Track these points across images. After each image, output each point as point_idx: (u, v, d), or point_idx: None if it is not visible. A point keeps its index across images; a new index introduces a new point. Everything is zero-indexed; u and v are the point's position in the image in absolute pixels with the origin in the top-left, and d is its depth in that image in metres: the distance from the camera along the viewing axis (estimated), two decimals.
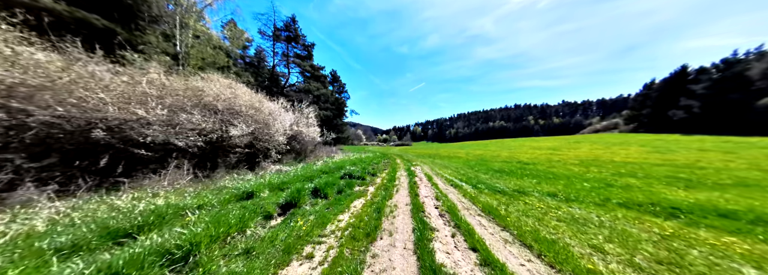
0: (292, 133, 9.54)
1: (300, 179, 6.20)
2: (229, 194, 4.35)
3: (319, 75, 26.70)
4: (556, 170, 12.75)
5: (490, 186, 7.17)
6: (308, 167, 8.35)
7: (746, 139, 30.89)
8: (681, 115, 43.62)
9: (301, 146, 10.06)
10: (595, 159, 18.92)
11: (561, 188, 7.11)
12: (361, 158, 16.53)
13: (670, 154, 21.36)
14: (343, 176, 7.77)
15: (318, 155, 12.07)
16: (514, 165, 14.90)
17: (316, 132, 12.19)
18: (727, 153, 20.40)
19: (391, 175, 9.14)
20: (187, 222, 3.02)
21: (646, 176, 10.02)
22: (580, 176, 9.89)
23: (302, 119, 10.52)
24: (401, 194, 6.08)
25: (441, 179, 8.95)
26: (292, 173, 6.70)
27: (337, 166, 9.54)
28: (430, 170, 11.76)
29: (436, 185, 7.36)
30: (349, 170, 8.59)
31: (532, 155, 23.66)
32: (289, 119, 9.68)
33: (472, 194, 6.11)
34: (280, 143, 7.78)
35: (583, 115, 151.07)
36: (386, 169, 11.27)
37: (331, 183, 5.81)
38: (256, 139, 6.90)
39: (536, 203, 5.09)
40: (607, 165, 14.80)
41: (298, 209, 4.03)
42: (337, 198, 4.96)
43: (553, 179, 9.23)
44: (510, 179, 9.01)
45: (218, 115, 5.96)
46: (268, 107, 8.22)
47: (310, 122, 11.25)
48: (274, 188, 5.06)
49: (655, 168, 12.78)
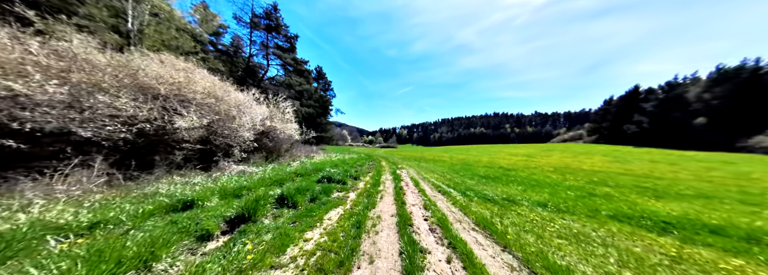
0: (263, 129, 8.37)
1: (266, 183, 5.22)
2: (158, 203, 3.26)
3: (302, 69, 25.13)
4: (536, 177, 13.05)
5: (480, 194, 6.79)
6: (280, 169, 7.30)
7: (684, 152, 35.51)
8: (634, 129, 49.11)
9: (274, 144, 8.91)
10: (566, 167, 20.09)
11: (547, 197, 6.98)
12: (344, 159, 15.57)
13: (627, 164, 23.52)
14: (320, 179, 6.88)
15: (295, 155, 10.90)
16: (498, 171, 15.08)
17: (294, 129, 11.05)
18: (672, 165, 22.99)
19: (376, 179, 8.43)
20: (46, 254, 1.91)
21: (616, 185, 10.53)
22: (561, 184, 10.08)
23: (277, 113, 9.36)
24: (386, 202, 5.40)
25: (428, 184, 8.45)
26: (257, 176, 5.67)
27: (316, 168, 8.59)
28: (416, 174, 11.26)
29: (424, 192, 6.81)
30: (328, 173, 7.72)
31: (510, 161, 24.64)
32: (262, 113, 8.51)
33: (462, 202, 5.64)
34: (245, 140, 6.61)
35: (552, 125, 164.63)
36: (371, 172, 10.53)
37: (303, 189, 4.94)
38: (213, 133, 5.73)
39: (530, 215, 4.73)
40: (579, 173, 15.64)
41: (253, 224, 3.10)
42: (308, 208, 4.11)
43: (536, 186, 9.23)
44: (496, 186, 8.81)
45: (159, 101, 4.72)
46: (235, 97, 7.04)
47: (286, 118, 10.09)
48: (228, 195, 4.06)
49: (620, 177, 13.70)
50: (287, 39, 23.85)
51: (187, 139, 4.95)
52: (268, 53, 22.32)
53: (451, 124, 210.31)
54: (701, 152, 34.50)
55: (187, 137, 4.97)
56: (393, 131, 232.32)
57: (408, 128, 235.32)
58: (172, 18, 14.73)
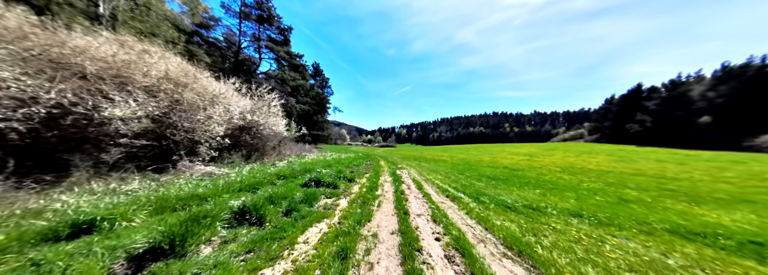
0: (243, 123, 7.23)
1: (234, 188, 4.12)
2: (23, 231, 2.11)
3: (297, 64, 23.85)
4: (547, 177, 12.04)
5: (495, 199, 5.73)
6: (260, 170, 6.20)
7: (689, 152, 34.80)
8: (636, 128, 48.42)
9: (257, 141, 7.78)
10: (571, 166, 19.17)
11: (575, 203, 5.95)
12: (340, 158, 14.46)
13: (633, 163, 22.67)
14: (307, 182, 5.78)
15: (283, 154, 9.77)
16: (504, 171, 14.07)
17: (282, 125, 9.91)
18: (681, 164, 22.15)
19: (373, 181, 7.34)
20: None
21: (639, 188, 9.55)
22: (579, 187, 9.07)
23: (261, 106, 8.20)
24: (385, 211, 4.33)
25: (432, 186, 7.38)
26: (225, 180, 4.56)
27: (305, 168, 7.48)
28: (417, 174, 10.19)
29: (429, 197, 5.74)
30: (318, 175, 6.62)
31: (513, 161, 23.75)
32: (242, 106, 7.38)
33: (478, 211, 4.57)
34: (214, 136, 5.46)
35: (551, 125, 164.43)
36: (368, 173, 9.44)
37: (279, 196, 3.84)
38: (171, 127, 4.59)
39: (570, 231, 3.67)
40: (589, 174, 14.67)
41: (178, 260, 1.99)
42: (279, 225, 3.01)
43: (554, 189, 8.21)
44: (510, 189, 7.77)
45: (85, 82, 3.56)
46: (207, 85, 5.90)
47: (273, 112, 8.93)
48: (167, 208, 2.94)
49: (635, 178, 12.71)
50: (280, 31, 22.53)
51: (124, 132, 3.80)
52: (260, 46, 21.03)
53: (450, 123, 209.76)
54: (707, 152, 33.79)
55: (125, 129, 3.82)
56: (392, 131, 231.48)
57: (407, 128, 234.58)
58: (150, 4, 13.49)
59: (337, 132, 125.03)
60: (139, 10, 13.40)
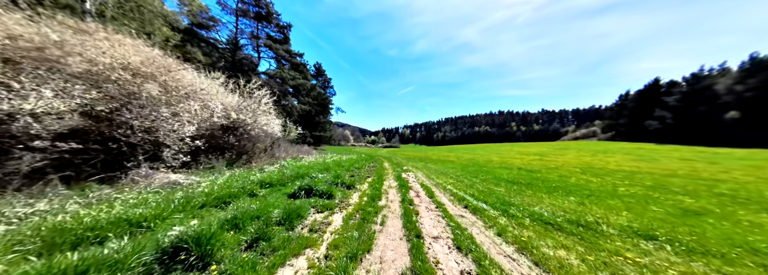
0: (226, 123, 6.30)
1: (193, 204, 3.15)
2: None
3: (297, 63, 23.06)
4: (572, 180, 10.72)
5: (527, 211, 4.61)
6: (243, 177, 5.26)
7: (716, 150, 32.36)
8: (655, 125, 45.78)
9: (245, 142, 6.84)
10: (590, 166, 17.65)
11: (629, 216, 4.76)
12: (340, 160, 13.49)
13: (657, 163, 20.94)
14: (295, 192, 4.81)
15: (277, 156, 8.83)
16: (521, 173, 12.79)
17: (276, 125, 8.99)
18: (713, 164, 20.23)
19: (376, 187, 6.30)
20: None
21: (688, 193, 8.14)
22: (616, 192, 7.78)
23: (250, 104, 7.26)
24: (390, 232, 3.30)
25: (445, 193, 6.29)
26: (186, 193, 3.58)
27: (298, 173, 6.50)
28: (426, 178, 9.10)
29: (444, 208, 4.66)
30: (311, 181, 5.65)
31: (524, 161, 22.33)
32: (227, 103, 6.47)
33: (513, 231, 3.49)
34: (183, 136, 4.51)
35: (559, 123, 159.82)
36: (370, 177, 8.42)
37: (248, 216, 2.84)
38: (121, 125, 3.67)
39: (660, 266, 2.54)
40: (615, 174, 13.22)
41: None
42: (229, 271, 2.00)
43: (590, 196, 6.97)
44: (537, 196, 6.59)
45: None
46: (179, 78, 4.99)
47: (264, 110, 7.98)
48: (53, 246, 1.94)
49: (671, 180, 11.18)
50: (279, 29, 21.79)
51: (37, 133, 2.85)
52: (259, 45, 20.33)
53: (455, 123, 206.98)
54: (738, 149, 31.34)
55: (38, 129, 2.86)
56: (395, 131, 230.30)
57: (411, 128, 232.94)
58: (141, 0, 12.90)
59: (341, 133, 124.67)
60: (129, 6, 12.78)
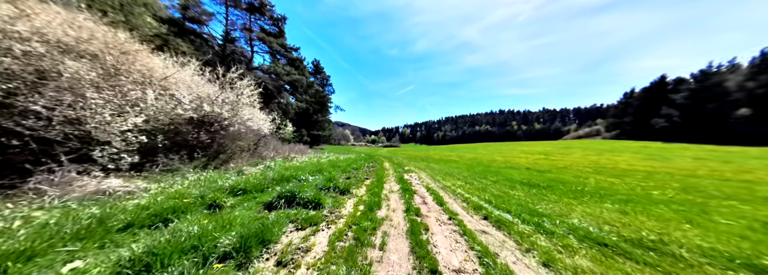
0: (197, 116, 5.28)
1: (110, 227, 2.17)
2: None
3: (293, 58, 21.97)
4: (591, 181, 9.71)
5: (565, 224, 3.63)
6: (211, 181, 4.27)
7: (728, 148, 31.33)
8: (662, 123, 44.67)
9: (221, 140, 5.80)
10: (601, 166, 16.64)
11: (698, 231, 3.79)
12: (337, 160, 12.51)
13: (670, 162, 20.02)
14: (272, 201, 3.84)
15: (264, 156, 7.80)
16: (531, 174, 11.80)
17: (262, 120, 7.96)
18: (727, 163, 19.28)
19: (375, 193, 5.32)
20: None
21: (732, 197, 7.17)
22: (652, 197, 6.78)
23: (229, 95, 6.20)
24: (392, 262, 2.33)
25: (456, 199, 5.31)
26: (106, 210, 2.59)
27: (284, 176, 5.52)
28: (430, 179, 8.11)
29: (460, 221, 3.69)
30: (295, 186, 4.69)
31: (529, 160, 21.35)
32: (201, 94, 5.46)
33: (565, 260, 2.51)
34: (123, 130, 3.48)
35: (561, 122, 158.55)
36: (369, 179, 7.44)
37: (173, 249, 1.86)
38: (21, 114, 2.63)
39: None
40: (634, 175, 12.22)
41: None
42: None
43: (627, 202, 5.95)
44: (564, 202, 5.60)
45: None
46: (130, 59, 3.96)
47: (246, 103, 6.94)
48: None
49: (701, 182, 10.13)
50: (274, 22, 20.67)
51: None
52: (251, 38, 19.25)
53: (455, 122, 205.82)
54: (751, 148, 30.31)
55: None
56: (396, 131, 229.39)
57: (411, 127, 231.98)
58: None
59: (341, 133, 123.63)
60: None
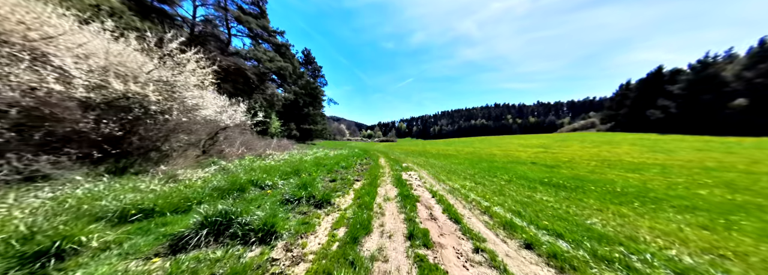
0: (96, 97, 3.51)
1: None
2: None
3: (277, 43, 19.65)
4: (611, 177, 8.60)
5: (672, 267, 2.31)
6: (89, 199, 2.72)
7: (724, 139, 31.20)
8: (658, 115, 44.57)
9: (139, 132, 4.00)
10: (605, 159, 15.71)
11: None
12: (325, 157, 11.01)
13: (674, 154, 19.39)
14: (183, 235, 2.36)
15: (225, 154, 6.16)
16: (542, 170, 10.62)
17: (224, 109, 6.23)
18: (730, 154, 18.77)
19: (365, 202, 3.91)
20: None
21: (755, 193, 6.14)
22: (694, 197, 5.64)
23: (162, 72, 4.35)
24: None
25: (474, 209, 3.95)
26: None
27: (237, 182, 4.01)
28: (433, 179, 6.76)
29: (492, 254, 2.32)
30: (247, 200, 3.25)
31: (529, 154, 20.37)
32: (119, 67, 3.69)
33: None
34: None
35: (555, 115, 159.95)
36: (360, 180, 6.02)
37: None
38: None
39: None
40: (650, 169, 11.24)
41: None
42: None
43: (691, 208, 4.77)
44: (620, 213, 4.32)
45: None
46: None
47: (194, 83, 5.07)
48: None
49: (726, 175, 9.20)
50: (254, 1, 18.23)
51: None
52: (228, 19, 16.85)
53: (451, 116, 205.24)
54: (746, 138, 30.25)
55: None
56: (392, 125, 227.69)
57: (407, 122, 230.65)
58: None
59: (336, 127, 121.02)
60: None
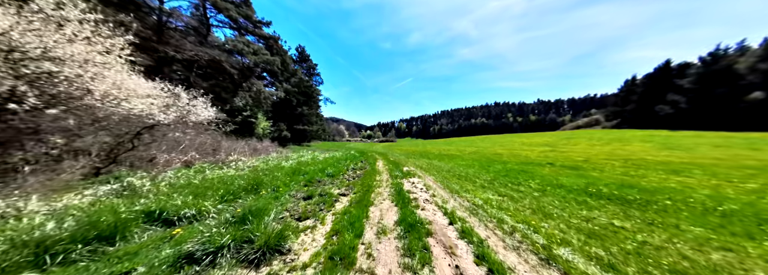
0: None
1: None
2: None
3: (264, 35, 17.84)
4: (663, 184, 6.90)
5: None
6: None
7: (745, 134, 29.57)
8: (668, 110, 42.95)
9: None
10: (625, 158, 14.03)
11: None
12: (310, 162, 9.28)
13: (694, 152, 17.81)
14: None
15: (155, 162, 4.42)
16: (570, 174, 8.91)
17: (142, 98, 4.42)
18: (756, 151, 17.18)
19: (346, 243, 2.21)
20: None
21: None
22: None
23: (41, 30, 2.67)
24: None
25: (516, 244, 2.24)
26: None
27: (109, 222, 2.31)
28: (443, 189, 5.06)
29: None
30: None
31: (536, 153, 18.70)
32: None
33: None
34: None
35: (555, 113, 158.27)
36: (347, 194, 4.35)
37: None
38: None
39: None
40: (693, 170, 9.57)
41: None
42: None
43: None
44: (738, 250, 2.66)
45: None
46: None
47: (106, 62, 3.35)
48: None
49: None
50: None
51: None
52: (204, 6, 15.05)
53: (451, 115, 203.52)
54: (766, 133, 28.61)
55: None
56: (391, 125, 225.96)
57: (407, 122, 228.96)
58: None
59: (335, 128, 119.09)
60: None
